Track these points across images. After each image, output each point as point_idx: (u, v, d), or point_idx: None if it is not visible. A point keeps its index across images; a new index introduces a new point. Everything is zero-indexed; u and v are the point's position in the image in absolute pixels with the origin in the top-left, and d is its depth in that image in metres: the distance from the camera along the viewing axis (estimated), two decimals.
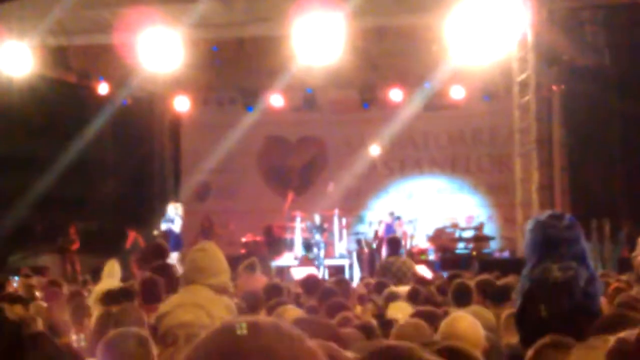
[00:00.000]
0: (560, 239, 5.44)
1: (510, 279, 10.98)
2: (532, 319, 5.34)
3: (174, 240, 22.64)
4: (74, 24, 21.46)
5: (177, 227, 22.72)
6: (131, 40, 20.68)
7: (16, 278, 19.02)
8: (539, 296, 5.32)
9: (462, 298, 9.32)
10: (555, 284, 5.28)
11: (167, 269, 9.69)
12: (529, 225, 5.71)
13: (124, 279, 12.16)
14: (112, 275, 12.07)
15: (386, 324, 7.64)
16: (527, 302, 5.41)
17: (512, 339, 6.64)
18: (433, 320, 6.86)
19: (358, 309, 9.76)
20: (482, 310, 8.11)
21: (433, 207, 27.95)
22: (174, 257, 22.06)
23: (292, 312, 6.71)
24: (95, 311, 8.47)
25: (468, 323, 5.76)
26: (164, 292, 8.59)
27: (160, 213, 29.73)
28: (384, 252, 20.70)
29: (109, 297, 8.93)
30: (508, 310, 7.66)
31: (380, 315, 9.05)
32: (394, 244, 15.05)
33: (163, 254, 12.26)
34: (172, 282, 8.75)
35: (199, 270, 6.46)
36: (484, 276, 11.35)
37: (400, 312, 8.61)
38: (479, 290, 9.70)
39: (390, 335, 6.46)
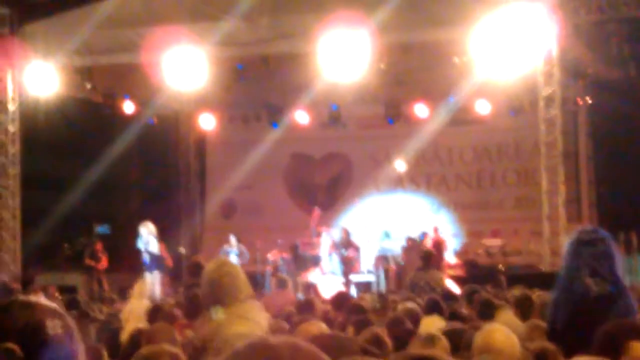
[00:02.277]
0: (593, 253, 5.44)
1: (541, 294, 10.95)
2: (579, 333, 5.32)
3: (154, 261, 22.59)
4: (99, 43, 21.59)
5: (153, 247, 22.54)
6: (156, 59, 20.79)
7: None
8: (584, 311, 5.31)
9: (487, 312, 9.31)
10: (597, 298, 5.27)
11: None
12: (567, 240, 5.73)
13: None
14: (141, 295, 12.13)
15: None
16: (573, 318, 5.39)
17: None
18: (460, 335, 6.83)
19: None
20: (512, 320, 8.09)
21: (459, 222, 27.86)
22: (155, 277, 22.13)
23: (316, 327, 6.66)
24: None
25: (504, 335, 5.73)
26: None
27: (186, 230, 29.91)
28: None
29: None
30: (531, 322, 7.62)
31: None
32: (426, 258, 14.84)
33: (200, 272, 12.26)
34: None
35: (226, 293, 6.40)
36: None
37: (433, 326, 8.58)
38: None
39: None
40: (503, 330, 5.86)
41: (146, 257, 22.54)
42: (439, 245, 24.47)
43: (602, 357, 4.17)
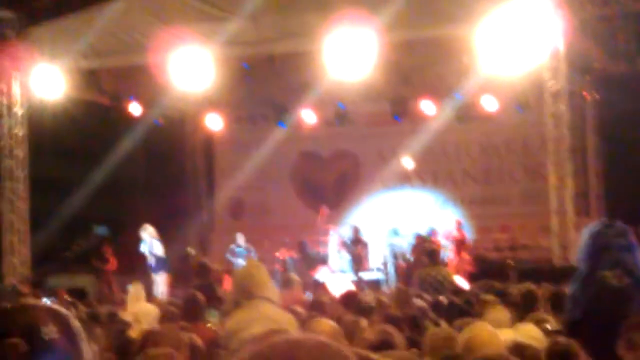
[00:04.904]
0: (612, 247, 5.43)
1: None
2: (596, 325, 5.31)
3: (159, 262, 22.69)
4: (105, 46, 21.59)
5: (157, 249, 22.67)
6: (162, 60, 20.80)
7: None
8: (602, 304, 5.29)
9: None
10: (615, 291, 5.25)
11: (210, 288, 9.71)
12: (584, 234, 5.70)
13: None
14: (138, 298, 12.10)
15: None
16: (590, 310, 5.38)
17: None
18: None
19: None
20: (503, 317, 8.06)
21: (467, 218, 27.81)
22: (161, 279, 22.24)
23: (326, 324, 6.67)
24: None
25: (488, 333, 5.68)
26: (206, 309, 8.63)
27: (194, 231, 29.90)
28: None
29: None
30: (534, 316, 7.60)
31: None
32: (433, 254, 14.90)
33: (206, 273, 12.30)
34: (215, 300, 8.78)
35: (258, 285, 6.55)
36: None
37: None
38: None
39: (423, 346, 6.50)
40: (487, 328, 5.81)
41: (151, 260, 22.64)
42: (461, 242, 24.48)
43: (629, 351, 4.16)
